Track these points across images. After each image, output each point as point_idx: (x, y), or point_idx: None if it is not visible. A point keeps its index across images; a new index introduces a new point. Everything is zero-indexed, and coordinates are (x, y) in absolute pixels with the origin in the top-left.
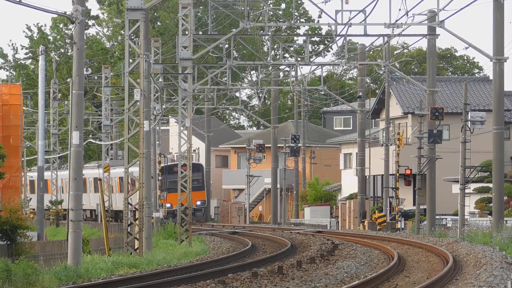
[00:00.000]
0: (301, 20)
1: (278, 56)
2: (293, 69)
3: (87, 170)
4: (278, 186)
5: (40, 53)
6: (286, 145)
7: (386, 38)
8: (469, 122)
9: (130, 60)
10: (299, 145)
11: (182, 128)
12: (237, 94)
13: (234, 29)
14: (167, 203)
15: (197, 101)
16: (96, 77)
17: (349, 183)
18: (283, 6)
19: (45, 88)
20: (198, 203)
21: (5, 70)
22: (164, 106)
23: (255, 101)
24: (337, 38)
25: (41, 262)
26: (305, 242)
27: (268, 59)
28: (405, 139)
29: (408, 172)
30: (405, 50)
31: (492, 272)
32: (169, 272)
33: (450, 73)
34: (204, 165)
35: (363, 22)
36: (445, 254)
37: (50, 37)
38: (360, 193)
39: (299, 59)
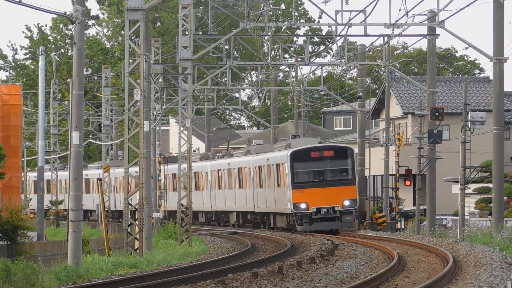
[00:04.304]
0: (301, 20)
1: (278, 57)
2: (293, 70)
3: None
4: None
5: (40, 53)
6: None
7: (386, 38)
8: (469, 122)
9: (130, 60)
10: None
11: (182, 128)
12: (237, 94)
13: (234, 29)
14: (300, 202)
15: (197, 101)
16: (96, 77)
17: None
18: (282, 6)
19: (45, 88)
20: (346, 203)
21: (5, 70)
22: (164, 106)
23: (255, 102)
24: (337, 38)
25: (41, 262)
26: (305, 242)
27: (268, 59)
28: (405, 139)
29: (408, 172)
30: (405, 51)
31: (492, 272)
32: (169, 272)
33: (450, 74)
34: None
35: (363, 22)
36: (445, 254)
37: (50, 38)
38: (360, 193)
39: (299, 59)
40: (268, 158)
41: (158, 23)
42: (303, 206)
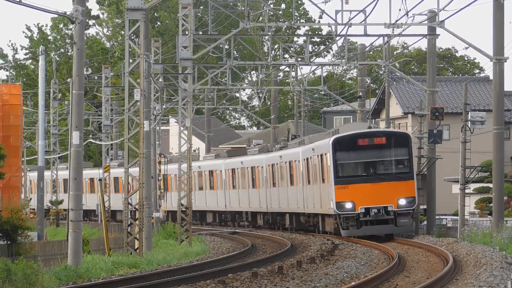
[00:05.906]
0: (301, 20)
1: (278, 57)
2: (293, 69)
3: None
4: None
5: (40, 53)
6: None
7: (386, 38)
8: (469, 122)
9: (130, 60)
10: None
11: (182, 128)
12: (237, 94)
13: (234, 29)
14: (345, 201)
15: (197, 101)
16: (96, 77)
17: None
18: (283, 6)
19: (45, 88)
20: (402, 202)
21: (5, 70)
22: (164, 106)
23: (255, 101)
24: (337, 38)
25: (41, 262)
26: (305, 242)
27: (268, 59)
28: None
29: None
30: (405, 50)
31: (492, 272)
32: (169, 272)
33: (450, 73)
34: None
35: (363, 22)
36: (445, 254)
37: (50, 37)
38: None
39: (299, 59)
40: (313, 148)
41: (158, 23)
42: (348, 205)
